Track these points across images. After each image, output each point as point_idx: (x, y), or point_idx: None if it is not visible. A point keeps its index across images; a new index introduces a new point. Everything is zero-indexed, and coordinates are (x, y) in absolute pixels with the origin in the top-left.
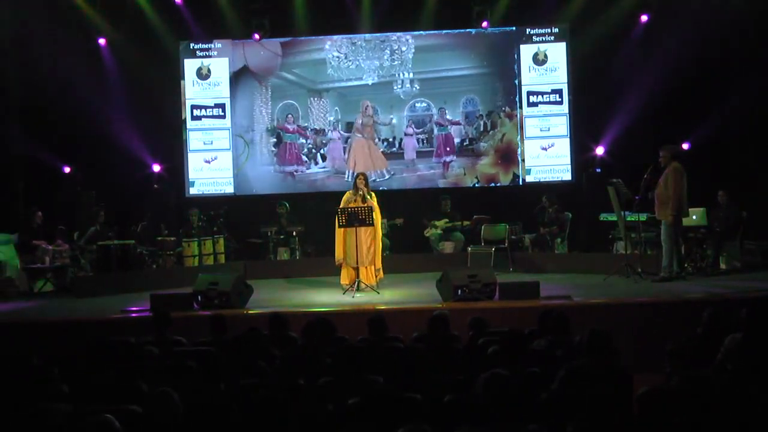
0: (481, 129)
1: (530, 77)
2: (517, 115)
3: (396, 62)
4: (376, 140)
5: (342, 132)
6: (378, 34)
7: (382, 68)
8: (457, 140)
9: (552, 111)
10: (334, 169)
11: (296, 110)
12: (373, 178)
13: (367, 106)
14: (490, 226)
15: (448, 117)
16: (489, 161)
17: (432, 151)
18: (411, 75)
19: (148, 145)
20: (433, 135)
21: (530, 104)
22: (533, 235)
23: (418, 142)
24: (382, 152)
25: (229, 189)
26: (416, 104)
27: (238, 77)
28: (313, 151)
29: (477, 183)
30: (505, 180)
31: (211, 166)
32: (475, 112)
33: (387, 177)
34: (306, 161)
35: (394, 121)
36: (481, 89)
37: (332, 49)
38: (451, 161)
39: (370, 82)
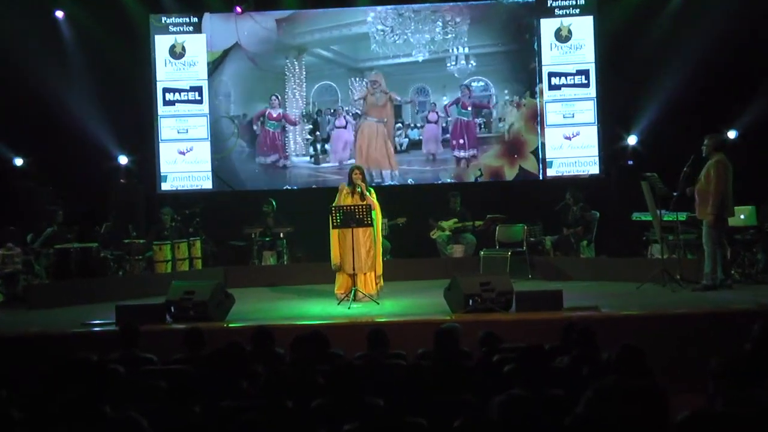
0: (490, 117)
1: (552, 56)
2: (524, 105)
3: (450, 35)
4: (396, 127)
5: (350, 117)
6: (428, 4)
7: (434, 42)
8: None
9: (577, 95)
10: (338, 164)
11: (328, 92)
12: (377, 181)
13: (376, 80)
14: (505, 226)
15: (475, 97)
16: (493, 153)
17: (449, 139)
18: (466, 50)
19: (114, 134)
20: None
21: (552, 87)
22: (555, 236)
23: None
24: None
25: (207, 184)
26: (473, 83)
27: (226, 57)
28: (316, 142)
29: (480, 177)
30: (510, 174)
31: (186, 158)
32: (485, 98)
33: (392, 182)
34: (287, 152)
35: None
36: (493, 70)
37: (376, 21)
38: (464, 157)
39: (420, 58)
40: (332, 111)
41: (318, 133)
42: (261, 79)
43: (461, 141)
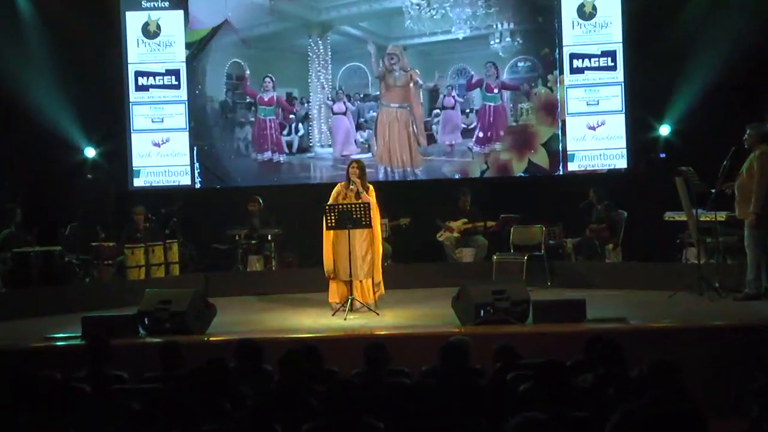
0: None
1: (574, 36)
2: (535, 93)
3: (493, 9)
4: (421, 113)
5: (350, 102)
6: None
7: (476, 17)
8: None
9: (602, 79)
10: (340, 156)
11: (357, 74)
12: (392, 177)
13: (394, 54)
14: (521, 227)
15: (503, 78)
16: (500, 145)
17: (473, 130)
18: (511, 26)
19: (80, 123)
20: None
21: (574, 70)
22: (577, 239)
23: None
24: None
25: (186, 180)
26: (518, 63)
27: (212, 37)
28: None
29: (486, 171)
30: (518, 168)
31: (162, 151)
32: (520, 80)
33: (413, 179)
34: (284, 144)
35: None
36: (506, 51)
37: None
38: (491, 151)
39: (460, 35)
40: (331, 96)
41: None
42: (266, 61)
43: (489, 133)
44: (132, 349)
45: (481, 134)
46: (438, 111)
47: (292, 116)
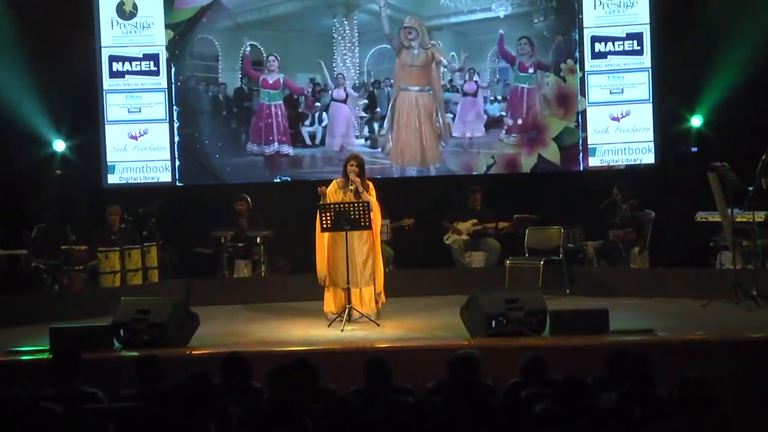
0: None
1: (596, 16)
2: (546, 83)
3: None
4: (441, 100)
5: (352, 90)
6: None
7: None
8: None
9: (627, 64)
10: (338, 151)
11: (387, 58)
12: (407, 173)
13: (412, 27)
14: (537, 229)
15: (538, 58)
16: (508, 138)
17: (500, 120)
18: (554, 2)
19: (47, 114)
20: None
21: (596, 55)
22: (600, 242)
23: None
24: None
25: (166, 176)
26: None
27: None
28: (373, 120)
29: (492, 165)
30: (527, 164)
31: (139, 144)
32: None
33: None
34: (290, 135)
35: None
36: (522, 33)
37: None
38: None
39: (502, 14)
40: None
41: (378, 109)
42: (284, 43)
43: (522, 120)
44: (106, 363)
45: (511, 122)
46: (449, 96)
47: (317, 104)
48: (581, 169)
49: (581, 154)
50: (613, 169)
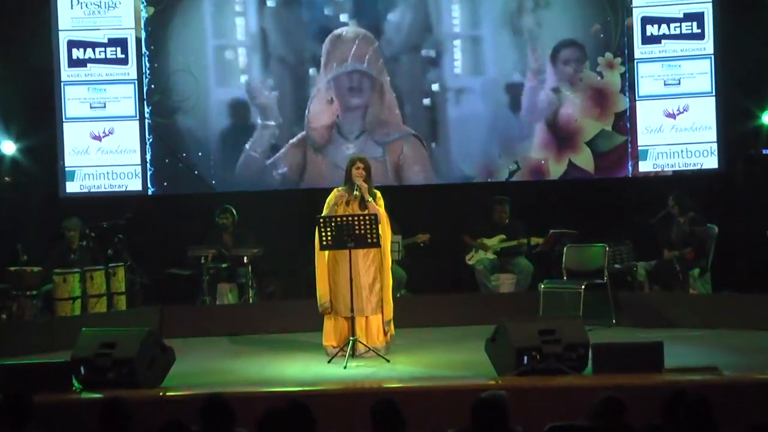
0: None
1: None
2: (581, 80)
3: None
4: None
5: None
6: None
7: None
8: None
9: (685, 51)
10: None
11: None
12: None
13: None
14: (577, 247)
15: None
16: (535, 141)
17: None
18: None
19: None
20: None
21: (647, 39)
22: (652, 262)
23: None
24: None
25: (135, 184)
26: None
27: None
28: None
29: (516, 171)
30: (556, 171)
31: (103, 146)
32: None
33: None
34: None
35: None
36: (551, 18)
37: None
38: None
39: None
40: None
41: None
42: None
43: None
44: (63, 407)
45: None
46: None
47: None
48: (629, 175)
49: (629, 158)
50: (667, 175)
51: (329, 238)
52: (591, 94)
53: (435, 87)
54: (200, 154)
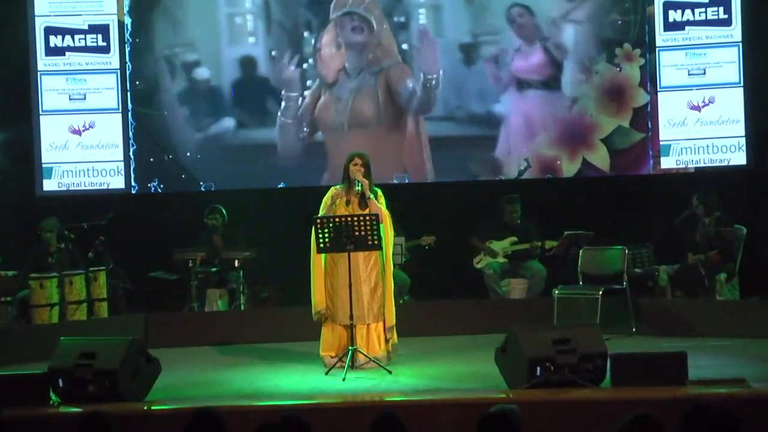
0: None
1: None
2: (596, 73)
3: None
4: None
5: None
6: None
7: None
8: None
9: (711, 38)
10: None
11: None
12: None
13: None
14: (594, 250)
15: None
16: (546, 138)
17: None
18: None
19: None
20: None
21: (670, 26)
22: (675, 266)
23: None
24: None
25: (117, 182)
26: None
27: None
28: None
29: (526, 169)
30: (569, 170)
31: (83, 140)
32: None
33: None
34: None
35: None
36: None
37: None
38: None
39: None
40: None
41: None
42: None
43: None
44: (40, 423)
45: None
46: None
47: None
48: (650, 172)
49: (649, 154)
50: (691, 172)
51: (327, 240)
52: (608, 87)
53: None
54: (188, 154)
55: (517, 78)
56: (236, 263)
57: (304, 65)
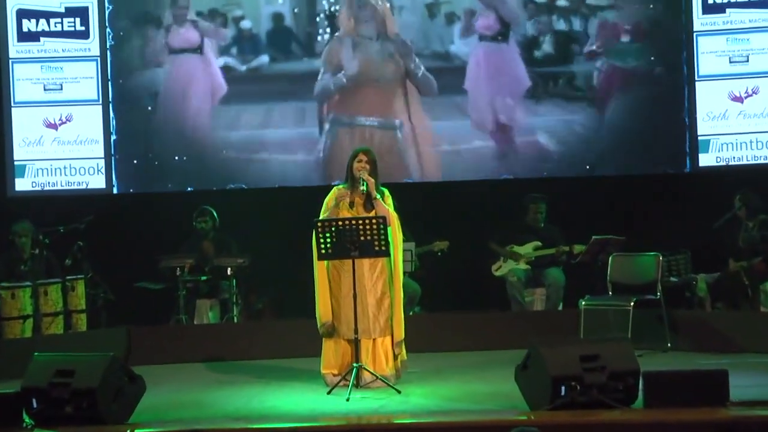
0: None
1: None
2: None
3: None
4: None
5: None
6: None
7: None
8: None
9: (755, 22)
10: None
11: None
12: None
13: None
14: (625, 256)
15: None
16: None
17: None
18: None
19: None
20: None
21: (708, 8)
22: (715, 275)
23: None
24: None
25: (98, 181)
26: None
27: None
28: None
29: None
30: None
31: (60, 135)
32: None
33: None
34: None
35: None
36: None
37: None
38: None
39: None
40: None
41: None
42: None
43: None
44: None
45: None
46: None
47: None
48: (687, 170)
49: (687, 150)
50: (733, 170)
51: (329, 245)
52: None
53: None
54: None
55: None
56: (228, 271)
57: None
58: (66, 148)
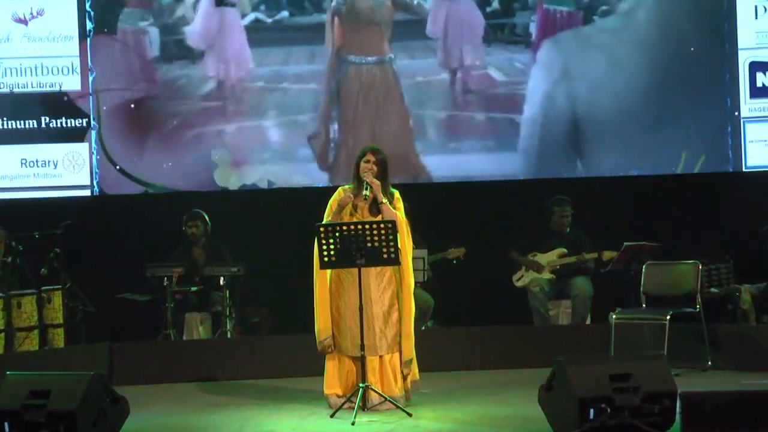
0: None
1: None
2: None
3: None
4: None
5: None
6: None
7: None
8: None
9: None
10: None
11: None
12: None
13: None
14: (660, 265)
15: None
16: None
17: None
18: None
19: None
20: None
21: None
22: (761, 285)
23: None
24: None
25: (74, 82)
26: None
27: None
28: None
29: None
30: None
31: (30, 31)
32: None
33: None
34: None
35: None
36: None
37: None
38: None
39: None
40: None
41: None
42: None
43: None
44: None
45: None
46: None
47: None
48: (730, 170)
49: (730, 149)
50: None
51: (332, 253)
52: None
53: None
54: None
55: None
56: (221, 281)
57: None
58: (37, 45)
